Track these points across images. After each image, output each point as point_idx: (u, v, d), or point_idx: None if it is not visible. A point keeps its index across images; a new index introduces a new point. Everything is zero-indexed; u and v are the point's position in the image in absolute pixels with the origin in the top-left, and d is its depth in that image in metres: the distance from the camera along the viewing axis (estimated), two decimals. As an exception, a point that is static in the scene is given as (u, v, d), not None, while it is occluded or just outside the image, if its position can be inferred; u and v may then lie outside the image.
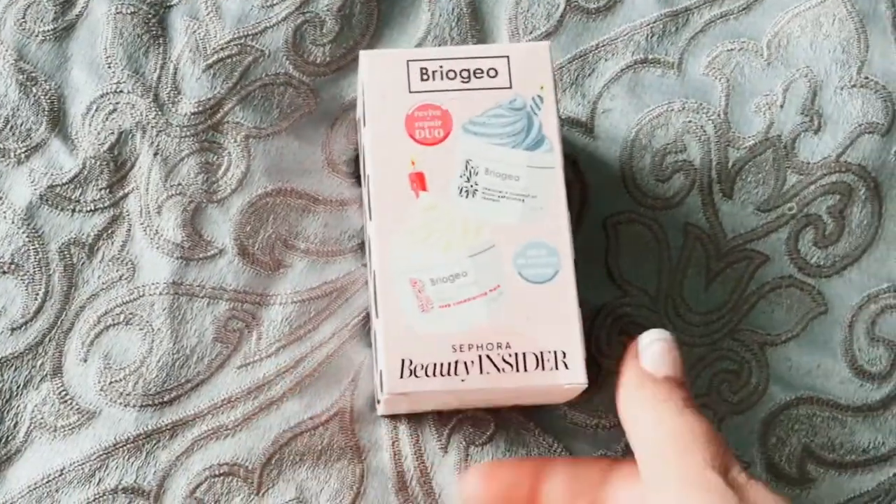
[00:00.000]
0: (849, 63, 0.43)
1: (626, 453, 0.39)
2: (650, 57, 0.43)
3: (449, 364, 0.34)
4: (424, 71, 0.36)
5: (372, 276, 0.36)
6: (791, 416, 0.40)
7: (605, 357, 0.40)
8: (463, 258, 0.34)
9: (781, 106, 0.42)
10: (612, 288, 0.41)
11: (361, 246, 0.41)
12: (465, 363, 0.34)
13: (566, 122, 0.42)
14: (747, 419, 0.40)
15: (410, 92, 0.36)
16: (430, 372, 0.34)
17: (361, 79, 0.37)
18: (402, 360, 0.34)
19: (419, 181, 0.35)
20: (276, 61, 0.42)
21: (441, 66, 0.36)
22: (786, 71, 0.43)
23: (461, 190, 0.35)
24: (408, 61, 0.36)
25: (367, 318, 0.40)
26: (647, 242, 0.41)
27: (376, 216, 0.35)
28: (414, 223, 0.35)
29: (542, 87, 0.36)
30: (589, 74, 0.43)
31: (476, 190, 0.35)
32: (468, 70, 0.36)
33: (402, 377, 0.34)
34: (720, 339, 0.40)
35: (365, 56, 0.37)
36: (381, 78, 0.36)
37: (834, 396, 0.40)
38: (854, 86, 0.43)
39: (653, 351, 0.35)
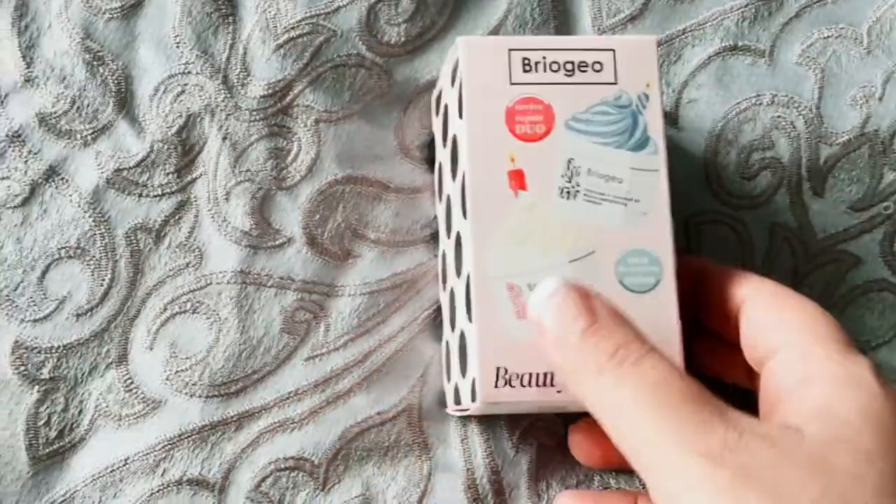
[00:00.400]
0: (955, 54, 0.40)
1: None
2: (740, 44, 0.41)
3: (545, 375, 0.32)
4: (527, 61, 0.34)
5: (464, 278, 0.34)
6: (880, 428, 0.38)
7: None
8: (562, 263, 0.33)
9: (880, 98, 0.40)
10: (694, 289, 0.39)
11: (434, 236, 0.40)
12: None
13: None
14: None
15: (511, 84, 0.34)
16: (525, 382, 0.32)
17: (459, 68, 0.35)
18: (498, 369, 0.32)
19: (519, 179, 0.34)
20: (349, 41, 0.40)
21: (544, 58, 0.34)
22: (887, 60, 0.40)
23: (562, 191, 0.33)
24: (510, 50, 0.34)
25: (438, 311, 0.39)
26: (730, 245, 0.39)
27: (472, 215, 0.33)
28: (512, 224, 0.33)
29: (647, 85, 0.34)
30: (675, 61, 0.41)
31: (578, 191, 0.33)
32: (572, 63, 0.34)
33: (496, 386, 0.32)
34: (808, 346, 0.39)
35: (464, 43, 0.35)
36: (481, 67, 0.34)
37: (926, 409, 0.39)
38: (960, 78, 0.40)
39: (551, 313, 0.30)
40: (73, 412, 0.38)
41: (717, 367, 0.35)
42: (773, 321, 0.30)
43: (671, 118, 0.40)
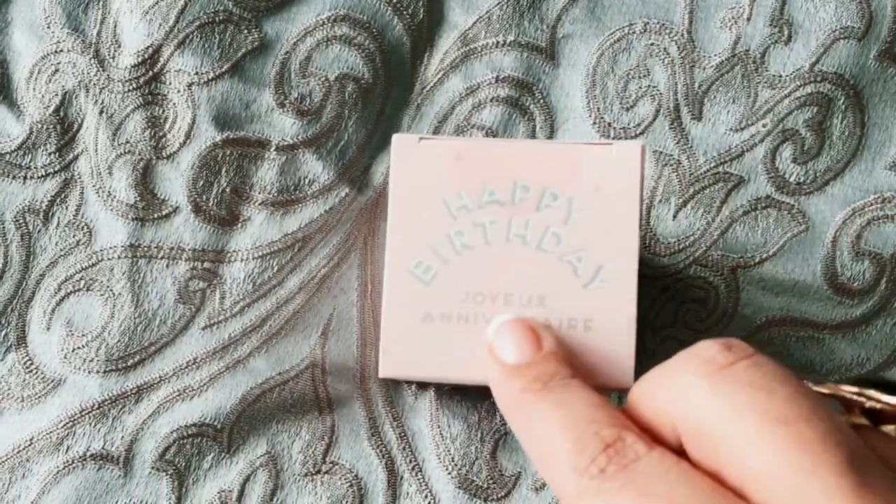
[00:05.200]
0: (821, -34, 0.39)
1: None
2: (610, -26, 0.40)
3: None
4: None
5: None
6: (763, 338, 0.38)
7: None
8: None
9: (748, 19, 0.39)
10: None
11: (322, 192, 0.39)
12: None
13: (525, 48, 0.40)
14: (721, 349, 0.38)
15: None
16: None
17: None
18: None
19: None
20: None
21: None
22: (753, -20, 0.39)
23: None
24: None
25: (335, 267, 0.38)
26: (611, 173, 0.39)
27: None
28: None
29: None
30: (547, -3, 0.40)
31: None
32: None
33: None
34: (686, 267, 0.38)
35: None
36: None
37: (809, 315, 0.38)
38: (827, -10, 0.39)
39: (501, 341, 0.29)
40: (-26, 399, 0.37)
41: None
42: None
43: (548, 55, 0.40)
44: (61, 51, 0.39)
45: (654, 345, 0.38)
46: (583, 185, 0.30)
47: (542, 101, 0.39)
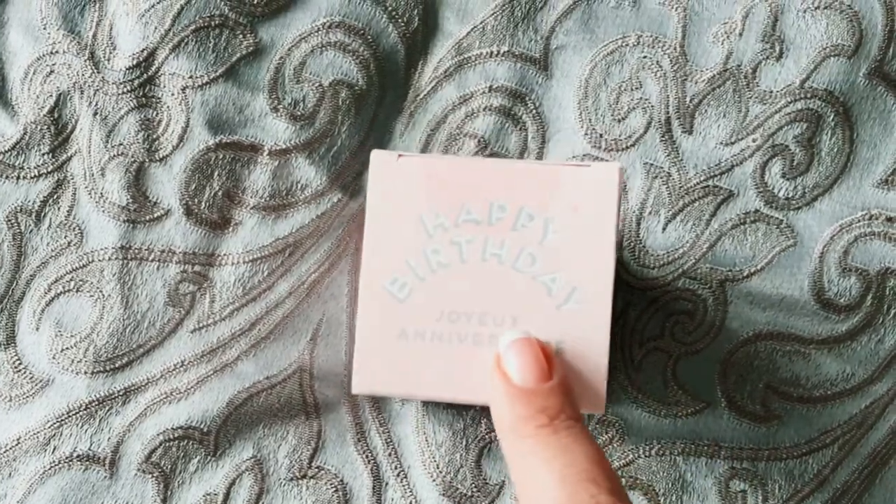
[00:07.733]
0: (813, -17, 0.39)
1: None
2: (604, -13, 0.39)
3: None
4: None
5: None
6: (749, 352, 0.37)
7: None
8: None
9: (741, 34, 0.39)
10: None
11: (314, 197, 0.38)
12: None
13: (519, 59, 0.39)
14: (704, 359, 0.37)
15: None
16: None
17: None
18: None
19: None
20: (210, 3, 0.38)
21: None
22: (746, -5, 0.39)
23: None
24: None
25: (325, 273, 0.38)
26: (601, 184, 0.38)
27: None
28: None
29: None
30: (541, 7, 0.39)
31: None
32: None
33: None
34: (674, 279, 0.38)
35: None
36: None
37: (796, 330, 0.38)
38: (818, 7, 0.39)
39: (515, 357, 0.27)
40: (-39, 397, 0.36)
41: None
42: None
43: (541, 66, 0.39)
44: (57, 52, 0.38)
45: (641, 356, 0.37)
46: (560, 206, 0.29)
47: (534, 111, 0.39)
